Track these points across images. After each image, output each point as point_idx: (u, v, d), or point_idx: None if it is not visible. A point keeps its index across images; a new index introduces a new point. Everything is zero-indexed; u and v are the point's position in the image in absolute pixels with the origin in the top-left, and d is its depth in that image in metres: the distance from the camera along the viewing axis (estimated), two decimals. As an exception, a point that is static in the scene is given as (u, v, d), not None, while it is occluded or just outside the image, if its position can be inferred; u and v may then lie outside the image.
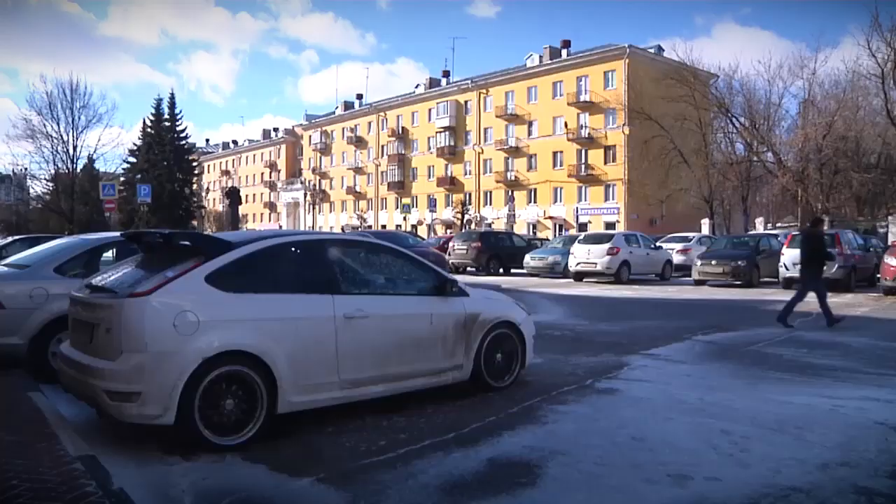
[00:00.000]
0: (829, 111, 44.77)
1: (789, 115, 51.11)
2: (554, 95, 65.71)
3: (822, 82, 47.87)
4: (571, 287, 21.30)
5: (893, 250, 19.04)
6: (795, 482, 4.37)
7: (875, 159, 45.83)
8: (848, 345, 10.27)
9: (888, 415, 6.03)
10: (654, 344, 10.01)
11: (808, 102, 47.28)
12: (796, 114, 49.75)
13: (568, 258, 24.09)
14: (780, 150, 47.41)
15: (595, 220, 59.71)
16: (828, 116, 43.98)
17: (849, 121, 44.40)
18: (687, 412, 6.12)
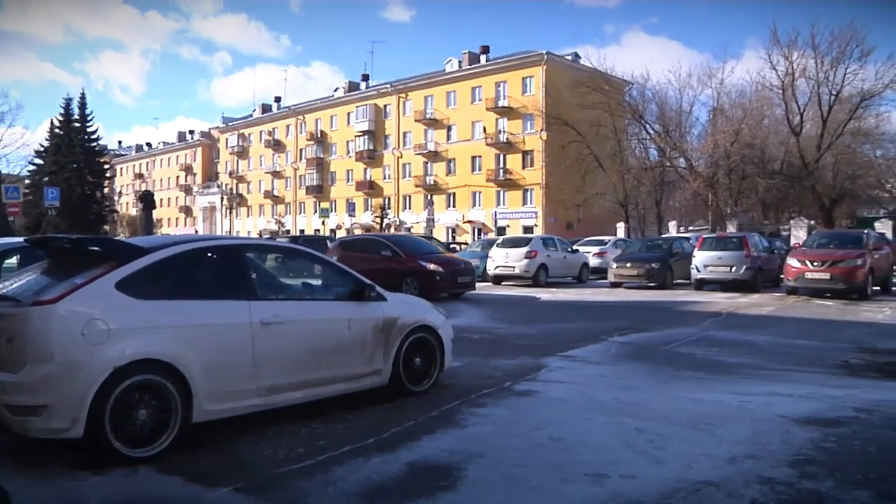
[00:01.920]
0: (736, 119, 46.55)
1: (699, 122, 53.01)
2: (473, 100, 66.26)
3: (729, 92, 49.84)
4: (491, 290, 21.46)
5: (795, 252, 19.89)
6: (706, 476, 4.50)
7: (778, 166, 47.81)
8: (754, 343, 10.69)
9: (790, 408, 6.28)
10: (571, 346, 10.17)
11: (717, 111, 49.05)
12: (706, 121, 51.60)
13: (486, 262, 24.24)
14: (692, 156, 49.00)
15: (513, 224, 60.39)
16: (735, 124, 45.72)
17: (754, 129, 46.31)
18: (603, 412, 6.23)
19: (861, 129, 45.84)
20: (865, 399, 6.70)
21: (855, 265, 17.55)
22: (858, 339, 11.08)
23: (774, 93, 46.89)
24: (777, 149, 48.50)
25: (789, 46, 44.53)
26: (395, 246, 18.61)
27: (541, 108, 55.90)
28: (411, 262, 17.78)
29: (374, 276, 17.30)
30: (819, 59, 44.17)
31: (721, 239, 22.46)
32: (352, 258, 18.28)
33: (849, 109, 44.41)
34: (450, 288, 17.95)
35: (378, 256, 18.32)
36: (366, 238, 22.44)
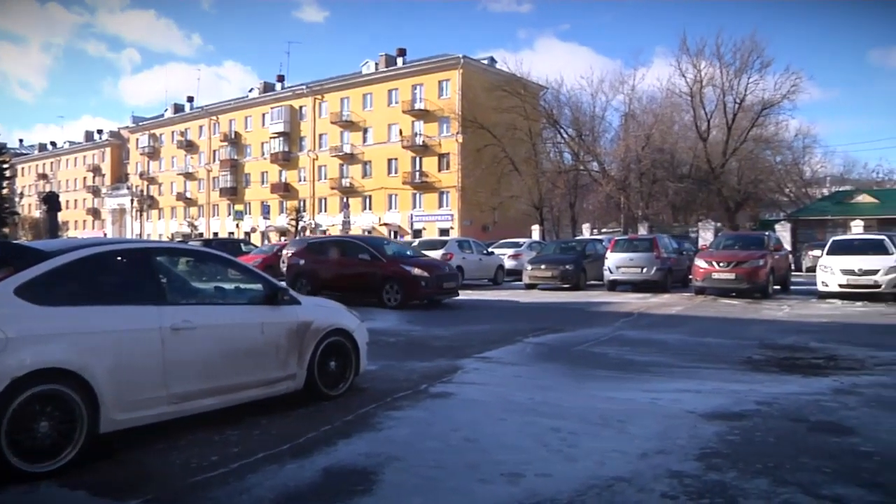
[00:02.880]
0: (647, 124, 47.89)
1: (612, 127, 54.25)
2: (389, 103, 66.18)
3: (640, 98, 51.26)
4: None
5: (702, 253, 20.61)
6: (619, 472, 4.61)
7: (687, 170, 49.38)
8: (664, 341, 11.02)
9: (697, 404, 6.51)
10: (486, 347, 10.26)
11: (629, 116, 50.30)
12: (618, 126, 52.83)
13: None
14: (605, 159, 50.12)
15: (429, 227, 60.60)
16: (646, 129, 47.04)
17: (665, 134, 47.77)
18: (519, 412, 6.31)
19: (762, 136, 47.97)
20: (766, 393, 7.01)
21: (758, 265, 18.29)
22: (761, 336, 11.54)
23: (683, 99, 48.56)
24: (686, 153, 50.13)
25: (697, 55, 46.29)
26: (373, 249, 17.40)
27: (457, 111, 56.24)
28: (393, 267, 16.69)
29: (349, 282, 16.80)
30: (724, 68, 46.07)
31: (632, 241, 23.06)
32: (322, 263, 17.92)
33: (751, 117, 46.36)
34: (435, 294, 17.04)
35: (354, 260, 17.29)
36: (338, 240, 21.07)
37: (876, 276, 17.26)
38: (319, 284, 17.22)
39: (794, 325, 13.24)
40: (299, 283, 17.61)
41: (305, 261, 18.31)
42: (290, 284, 17.62)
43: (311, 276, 17.69)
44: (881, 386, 7.46)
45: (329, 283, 17.21)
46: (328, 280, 17.28)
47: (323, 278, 17.39)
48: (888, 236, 20.57)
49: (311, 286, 17.20)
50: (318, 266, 17.83)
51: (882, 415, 6.18)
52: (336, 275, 17.29)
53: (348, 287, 16.81)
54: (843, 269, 17.69)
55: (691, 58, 46.44)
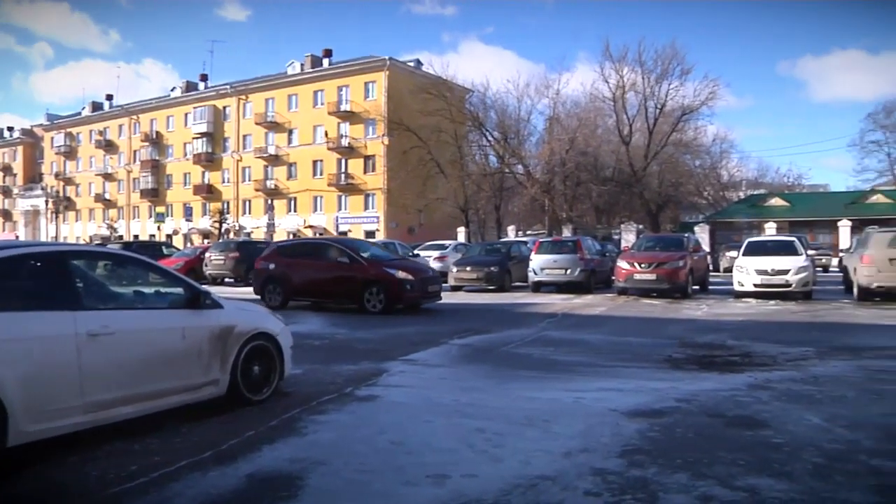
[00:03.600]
0: (571, 128, 48.70)
1: (537, 130, 54.99)
2: (315, 104, 65.56)
3: (565, 102, 52.13)
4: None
5: (624, 255, 21.07)
6: (543, 471, 4.67)
7: (610, 173, 50.46)
8: (588, 341, 11.23)
9: (620, 402, 6.65)
10: (412, 349, 10.26)
11: (554, 119, 51.06)
12: (543, 130, 53.52)
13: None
14: (529, 162, 50.76)
15: (355, 229, 60.27)
16: (570, 133, 47.83)
17: (588, 138, 48.69)
18: (444, 413, 6.33)
19: (682, 141, 49.53)
20: (686, 390, 7.21)
21: (677, 266, 18.79)
22: (680, 334, 11.86)
23: (606, 104, 49.69)
24: (609, 157, 51.22)
25: (620, 62, 47.47)
26: (353, 252, 16.46)
27: (383, 113, 56.17)
28: (375, 270, 15.86)
29: (327, 288, 16.27)
30: (646, 75, 47.44)
31: (556, 243, 23.42)
32: (296, 266, 16.83)
33: (672, 122, 47.80)
34: (420, 298, 16.27)
35: (332, 264, 16.31)
36: (313, 242, 19.87)
37: (787, 275, 17.95)
38: (292, 290, 16.67)
39: (712, 323, 13.65)
40: (269, 289, 16.93)
41: (276, 265, 17.20)
42: (258, 291, 17.26)
43: (282, 282, 16.80)
44: (791, 381, 7.76)
45: (303, 288, 16.63)
46: (302, 285, 16.60)
47: (296, 284, 16.63)
48: (798, 238, 21.49)
49: (283, 292, 16.67)
50: (291, 271, 16.82)
51: (792, 408, 6.43)
52: (312, 280, 16.52)
53: (326, 292, 16.38)
54: (757, 269, 18.33)
55: (614, 64, 47.68)
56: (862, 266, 17.39)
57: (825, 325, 13.47)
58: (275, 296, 16.67)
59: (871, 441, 5.36)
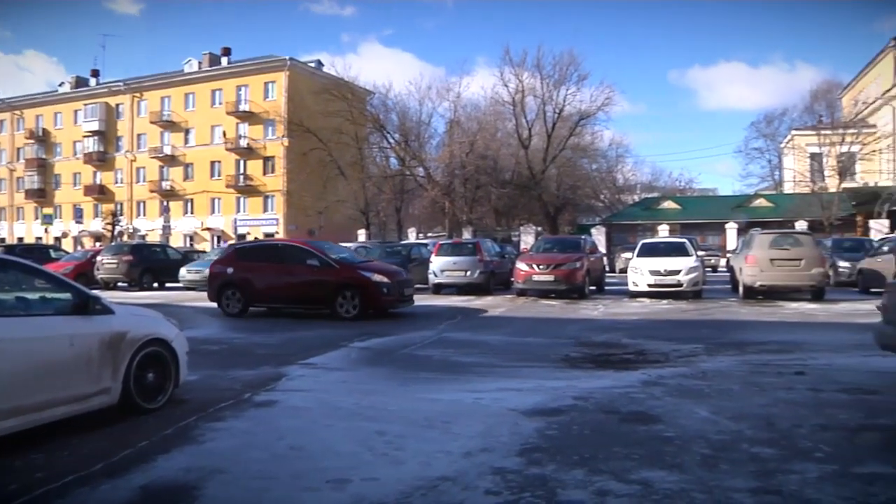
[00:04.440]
0: (471, 131, 49.18)
1: (438, 133, 55.22)
2: (213, 103, 64.03)
3: (465, 105, 52.57)
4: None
5: (523, 256, 21.44)
6: (444, 472, 4.70)
7: (509, 176, 51.14)
8: (487, 342, 11.37)
9: (518, 402, 6.76)
10: (311, 353, 10.15)
11: (454, 123, 51.39)
12: (444, 132, 53.86)
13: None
14: (430, 165, 50.94)
15: (254, 231, 59.23)
16: (471, 136, 48.29)
17: (488, 141, 49.28)
18: (344, 417, 6.29)
19: (580, 145, 50.86)
20: (582, 388, 7.39)
21: (575, 268, 19.23)
22: (578, 334, 12.16)
23: (506, 108, 50.35)
24: (508, 160, 51.93)
25: (519, 66, 48.16)
26: (322, 254, 15.61)
27: (283, 114, 55.40)
28: (350, 273, 15.12)
29: (295, 292, 15.46)
30: (544, 80, 48.30)
31: (456, 245, 23.59)
32: (258, 270, 15.79)
33: (569, 127, 48.93)
34: (396, 301, 15.46)
35: (300, 267, 15.43)
36: (278, 244, 18.20)
37: (678, 275, 18.67)
38: (254, 296, 15.78)
39: (608, 323, 14.04)
40: (227, 295, 15.90)
41: (235, 269, 16.02)
42: (214, 297, 16.21)
43: (242, 288, 15.74)
44: (682, 376, 8.08)
45: (267, 293, 15.72)
46: (266, 291, 15.65)
47: (258, 289, 15.66)
48: (689, 239, 22.38)
49: (244, 299, 15.74)
50: (252, 275, 15.74)
51: (682, 402, 6.69)
52: (277, 284, 15.51)
53: (293, 298, 15.53)
54: (650, 269, 18.99)
55: (514, 68, 48.33)
56: (746, 266, 18.27)
57: (713, 322, 14.08)
58: (233, 302, 15.76)
59: (752, 431, 5.65)
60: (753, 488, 4.32)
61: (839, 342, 10.73)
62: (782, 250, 18.13)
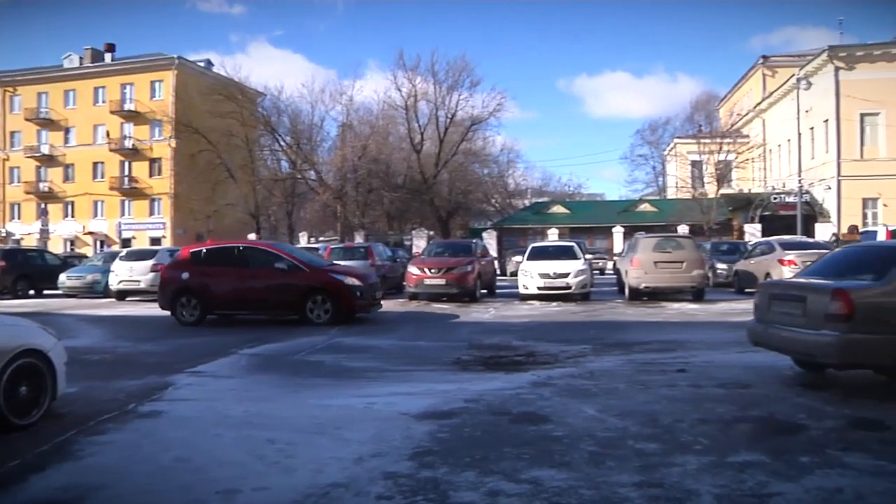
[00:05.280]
0: (364, 135, 49.08)
1: (330, 136, 54.78)
2: (95, 101, 61.31)
3: (358, 109, 52.36)
4: (114, 307, 20.09)
5: (415, 260, 21.54)
6: (336, 478, 4.66)
7: (402, 180, 51.29)
8: (379, 347, 11.36)
9: (410, 405, 6.77)
10: (200, 361, 9.88)
11: (347, 126, 51.14)
12: (336, 136, 53.43)
13: (109, 276, 22.63)
14: (322, 169, 50.45)
15: (140, 236, 57.13)
16: (363, 140, 48.16)
17: (381, 145, 49.32)
18: (234, 426, 6.14)
19: (472, 150, 51.52)
20: (473, 390, 7.47)
21: (466, 271, 19.44)
22: (469, 337, 12.30)
23: (399, 112, 50.45)
24: (401, 164, 52.07)
25: (413, 71, 48.36)
26: (291, 256, 15.07)
27: (170, 114, 53.79)
28: (321, 276, 14.67)
29: (261, 298, 14.67)
30: (437, 84, 48.70)
31: (348, 249, 23.54)
32: (218, 274, 14.83)
33: (462, 132, 49.51)
34: (369, 305, 15.15)
35: (266, 271, 14.74)
36: (239, 247, 16.55)
37: (567, 278, 19.17)
38: (214, 303, 14.90)
39: (499, 325, 14.27)
40: (182, 302, 14.92)
41: (191, 274, 15.04)
42: (168, 305, 15.16)
43: (200, 294, 14.80)
44: (571, 376, 8.30)
45: (229, 300, 14.86)
46: (227, 296, 14.78)
47: (219, 295, 14.77)
48: (577, 243, 23.05)
49: (202, 306, 14.81)
50: (212, 280, 14.84)
51: (571, 402, 6.86)
52: (240, 289, 14.70)
53: (258, 304, 14.83)
54: (540, 272, 19.42)
55: (407, 73, 48.47)
56: (632, 268, 18.94)
57: (601, 323, 14.52)
58: (190, 310, 14.81)
59: (637, 427, 5.86)
60: (638, 482, 4.48)
61: (717, 340, 11.27)
62: (665, 253, 18.90)
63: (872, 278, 7.11)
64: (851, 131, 38.33)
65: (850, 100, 37.46)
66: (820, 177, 39.66)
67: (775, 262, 19.32)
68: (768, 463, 4.85)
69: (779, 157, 48.12)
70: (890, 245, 9.69)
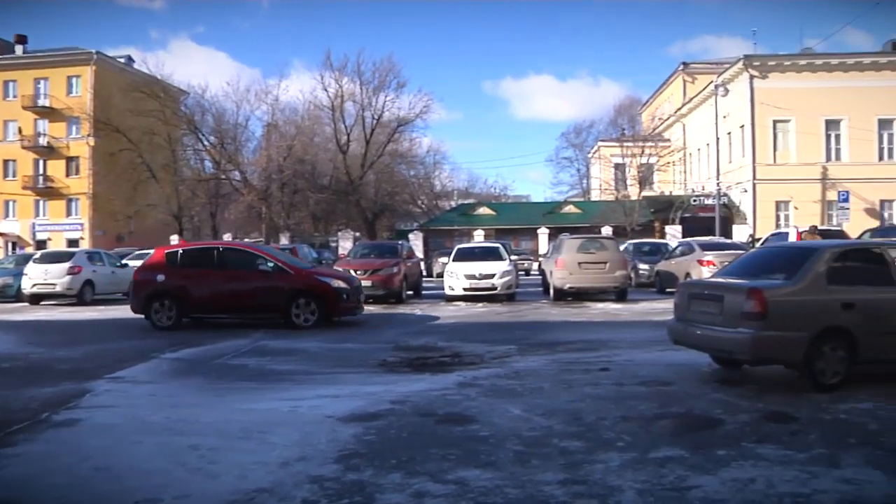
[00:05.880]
0: (289, 136, 48.55)
1: (255, 136, 53.95)
2: (5, 96, 58.61)
3: (283, 109, 51.73)
4: (27, 312, 19.33)
5: (341, 262, 21.48)
6: (260, 483, 4.61)
7: (327, 181, 50.95)
8: (305, 349, 11.23)
9: (336, 408, 6.74)
10: (119, 366, 9.60)
11: (272, 126, 50.46)
12: (261, 136, 52.71)
13: (22, 279, 21.80)
14: (247, 169, 49.69)
15: (56, 237, 54.99)
16: (288, 140, 47.64)
17: (306, 146, 48.91)
18: (154, 433, 6.00)
19: (398, 151, 51.56)
20: (399, 392, 7.48)
21: (392, 273, 19.40)
22: (395, 339, 12.29)
23: (325, 113, 50.16)
24: (326, 165, 51.70)
25: (339, 71, 48.10)
26: (275, 258, 14.74)
27: (88, 111, 51.88)
28: (306, 279, 14.44)
29: (242, 301, 14.24)
30: (364, 85, 48.59)
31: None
32: (196, 276, 14.29)
33: (388, 133, 49.55)
34: (355, 308, 14.87)
35: (250, 272, 14.36)
36: (219, 248, 15.94)
37: (493, 279, 19.34)
38: (191, 306, 14.39)
39: (425, 327, 14.30)
40: (157, 306, 14.28)
41: (167, 276, 14.45)
42: (141, 309, 14.45)
43: (176, 297, 14.23)
44: (496, 377, 8.38)
45: (208, 303, 14.37)
46: (206, 299, 14.28)
47: (197, 298, 14.25)
48: (503, 244, 23.25)
49: (178, 309, 14.25)
50: (189, 282, 14.32)
51: (496, 402, 6.94)
52: (220, 292, 14.24)
53: (240, 306, 14.38)
54: (466, 274, 19.53)
55: (334, 73, 48.16)
56: (556, 269, 19.23)
57: (526, 323, 14.70)
58: (165, 313, 14.23)
59: (561, 426, 5.98)
60: (562, 480, 4.57)
61: (639, 339, 11.53)
62: (589, 254, 19.23)
63: (784, 278, 7.43)
64: (765, 137, 39.78)
65: (764, 107, 38.94)
66: (737, 180, 40.97)
67: (695, 263, 19.88)
68: (687, 457, 5.01)
69: (698, 160, 49.53)
70: (800, 246, 10.13)
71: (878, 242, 10.58)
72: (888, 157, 39.69)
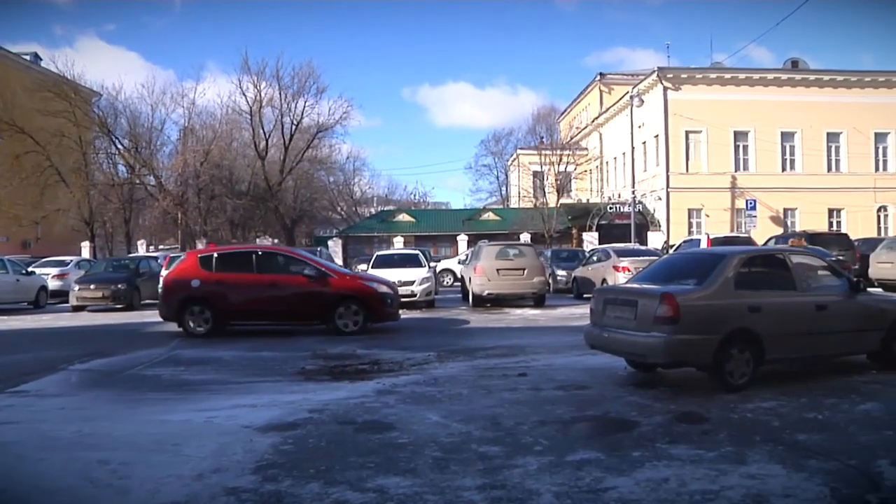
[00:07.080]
0: (206, 140, 47.43)
1: (171, 140, 52.53)
2: None
3: (200, 112, 50.52)
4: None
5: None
6: (174, 497, 4.50)
7: (246, 187, 50.08)
8: (221, 359, 11.02)
9: (253, 418, 6.64)
10: (23, 379, 9.20)
11: (188, 130, 49.27)
12: (177, 140, 51.39)
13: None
14: (162, 174, 48.36)
15: (-45, 244, 52.62)
16: (206, 145, 46.56)
17: (224, 151, 47.89)
18: (61, 448, 5.77)
19: (317, 157, 51.18)
20: (318, 400, 7.42)
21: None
22: (313, 346, 12.16)
23: (243, 117, 49.25)
24: (245, 171, 50.84)
25: (258, 75, 47.33)
26: (317, 263, 14.43)
27: (-10, 111, 49.75)
28: (352, 283, 14.18)
29: (286, 305, 13.78)
30: (283, 90, 47.89)
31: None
32: (233, 281, 13.70)
33: (307, 139, 49.00)
34: (397, 313, 14.53)
35: (291, 277, 14.04)
36: (256, 252, 15.36)
37: (412, 286, 19.34)
38: (229, 313, 13.84)
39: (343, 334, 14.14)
40: (191, 312, 13.72)
41: (202, 282, 13.87)
42: (173, 315, 13.78)
43: (213, 303, 13.69)
44: (415, 384, 8.40)
45: (247, 309, 13.88)
46: (245, 306, 13.81)
47: (236, 304, 13.77)
48: (422, 251, 23.30)
49: (214, 316, 13.69)
50: (226, 288, 13.81)
51: (415, 409, 6.96)
52: (260, 298, 13.78)
53: (281, 313, 13.93)
54: (386, 280, 19.46)
55: (252, 77, 47.42)
56: (475, 276, 19.39)
57: (445, 330, 14.75)
58: (200, 320, 13.71)
59: (480, 431, 6.03)
60: (481, 485, 4.61)
61: (557, 344, 11.73)
62: (507, 261, 19.48)
63: (695, 283, 7.67)
64: (678, 147, 41.01)
65: (676, 118, 40.16)
66: (651, 188, 42.12)
67: (610, 269, 20.34)
68: (603, 459, 5.13)
69: (615, 169, 50.68)
70: (710, 252, 10.49)
71: (782, 249, 11.06)
72: (790, 168, 41.45)
